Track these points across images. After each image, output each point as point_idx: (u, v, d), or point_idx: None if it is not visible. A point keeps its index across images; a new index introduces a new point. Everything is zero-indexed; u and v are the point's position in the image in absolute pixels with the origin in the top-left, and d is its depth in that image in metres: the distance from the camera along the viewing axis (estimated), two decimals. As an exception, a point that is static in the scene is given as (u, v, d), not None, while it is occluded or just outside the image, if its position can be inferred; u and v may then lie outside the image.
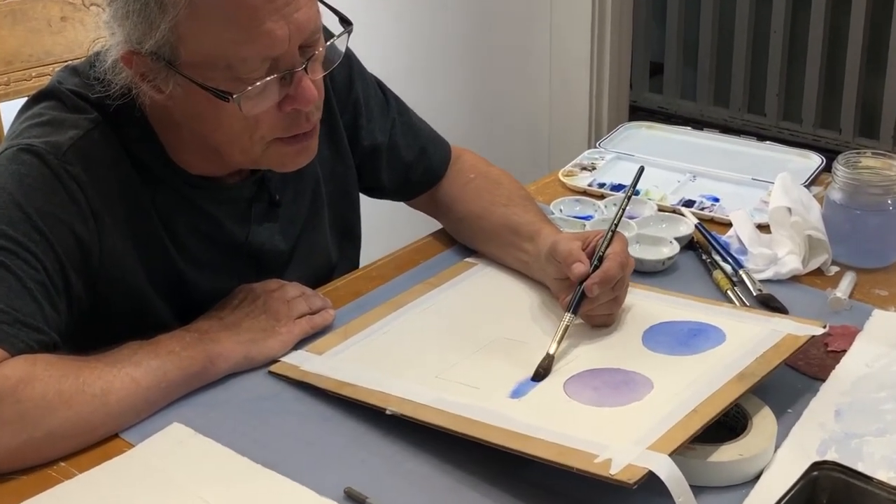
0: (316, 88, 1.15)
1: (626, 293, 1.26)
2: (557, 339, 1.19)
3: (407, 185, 1.50)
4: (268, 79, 1.11)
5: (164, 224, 1.23)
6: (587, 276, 1.22)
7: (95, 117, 1.18)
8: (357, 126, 1.43)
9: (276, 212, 1.33)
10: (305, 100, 1.14)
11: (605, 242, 1.25)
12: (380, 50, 2.72)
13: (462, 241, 1.50)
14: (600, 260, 1.24)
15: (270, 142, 1.17)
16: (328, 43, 1.18)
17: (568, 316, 1.21)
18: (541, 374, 1.16)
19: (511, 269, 1.41)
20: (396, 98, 1.49)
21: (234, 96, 1.10)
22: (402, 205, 1.58)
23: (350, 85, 1.41)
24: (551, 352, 1.18)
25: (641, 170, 1.36)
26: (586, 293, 1.22)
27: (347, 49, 1.42)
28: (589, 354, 1.19)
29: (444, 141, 1.54)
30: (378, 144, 1.45)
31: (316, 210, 1.39)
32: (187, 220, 1.24)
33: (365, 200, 1.50)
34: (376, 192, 1.52)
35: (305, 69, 1.14)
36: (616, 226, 1.27)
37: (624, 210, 1.31)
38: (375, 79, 1.47)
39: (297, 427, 1.12)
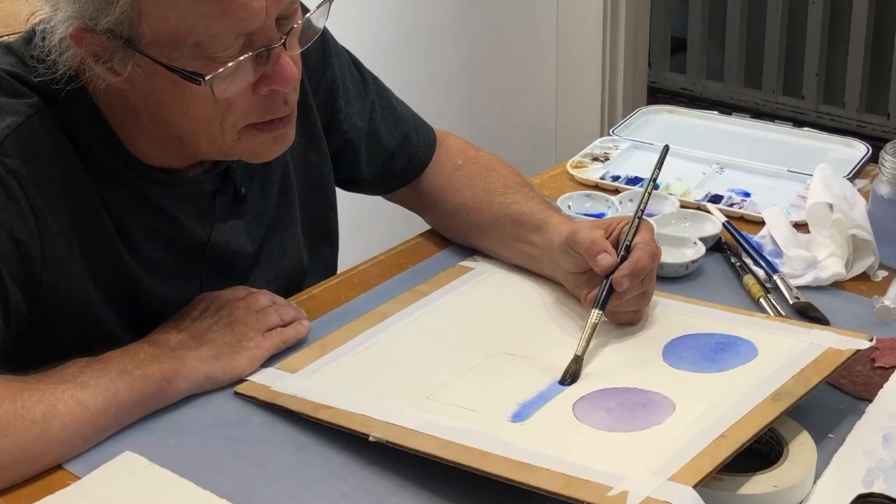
0: (295, 66, 1.15)
1: (654, 287, 1.28)
2: (585, 338, 1.21)
3: (388, 177, 1.51)
4: (242, 57, 1.11)
5: (115, 224, 1.22)
6: (615, 269, 1.24)
7: (35, 102, 1.18)
8: (334, 109, 1.43)
9: (241, 207, 1.33)
10: (284, 79, 1.14)
11: (632, 230, 1.26)
12: (360, 23, 2.72)
13: (451, 236, 1.51)
14: (627, 250, 1.26)
15: (243, 129, 1.17)
16: (307, 16, 1.18)
17: (595, 312, 1.23)
18: (568, 379, 1.17)
19: (513, 274, 1.41)
20: (374, 77, 1.50)
21: (206, 78, 1.10)
22: (385, 200, 1.58)
23: (325, 62, 1.41)
24: (579, 353, 1.19)
25: (666, 149, 1.37)
26: (615, 287, 1.23)
27: None
28: (601, 372, 1.20)
29: (427, 125, 1.55)
30: (357, 130, 1.45)
31: (286, 205, 1.39)
32: (142, 218, 1.24)
33: (342, 195, 1.50)
34: (353, 185, 1.52)
35: (284, 44, 1.14)
36: (642, 212, 1.29)
37: (650, 194, 1.32)
38: (350, 56, 1.48)
39: (267, 456, 1.12)
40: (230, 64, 1.11)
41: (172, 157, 1.24)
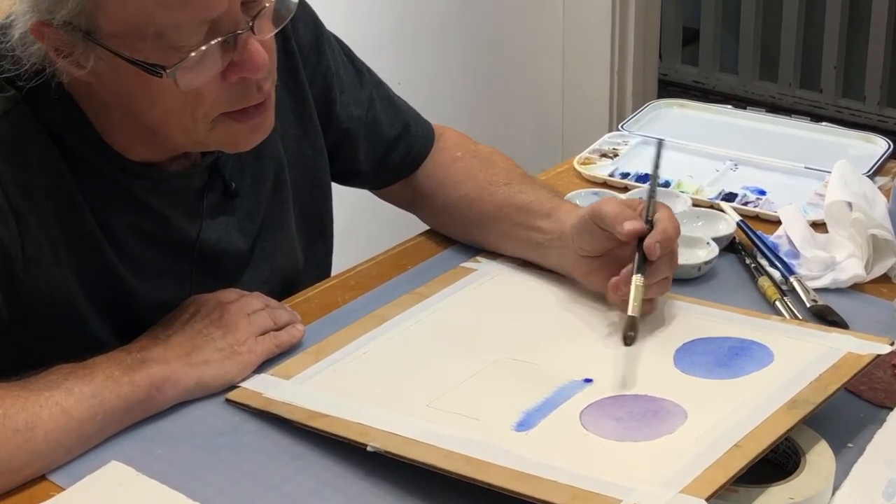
0: (266, 50, 1.15)
1: (672, 275, 1.30)
2: (635, 299, 1.22)
3: (385, 169, 1.51)
4: (207, 45, 1.11)
5: (98, 221, 1.22)
6: (642, 236, 1.26)
7: (13, 96, 1.17)
8: (330, 99, 1.43)
9: (232, 203, 1.33)
10: (254, 66, 1.14)
11: (650, 205, 1.29)
12: (361, 15, 2.72)
13: (449, 232, 1.51)
14: (650, 224, 1.28)
15: (217, 118, 1.17)
16: None
17: (637, 277, 1.24)
18: (631, 337, 1.20)
19: (518, 275, 1.41)
20: (368, 69, 1.51)
21: (168, 70, 1.10)
22: (379, 198, 1.57)
23: (319, 49, 1.41)
24: (633, 313, 1.21)
25: (661, 145, 1.38)
26: (647, 255, 1.25)
27: (309, 8, 1.42)
28: (610, 378, 1.19)
29: (424, 119, 1.56)
30: (355, 120, 1.46)
31: (280, 200, 1.39)
32: (126, 215, 1.24)
33: (339, 192, 1.50)
34: (348, 178, 1.53)
35: (252, 29, 1.13)
36: (654, 192, 1.31)
37: (657, 181, 1.34)
38: (342, 45, 1.48)
39: (259, 467, 1.12)
40: (193, 54, 1.10)
41: (151, 150, 1.24)
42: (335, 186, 1.50)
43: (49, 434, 1.09)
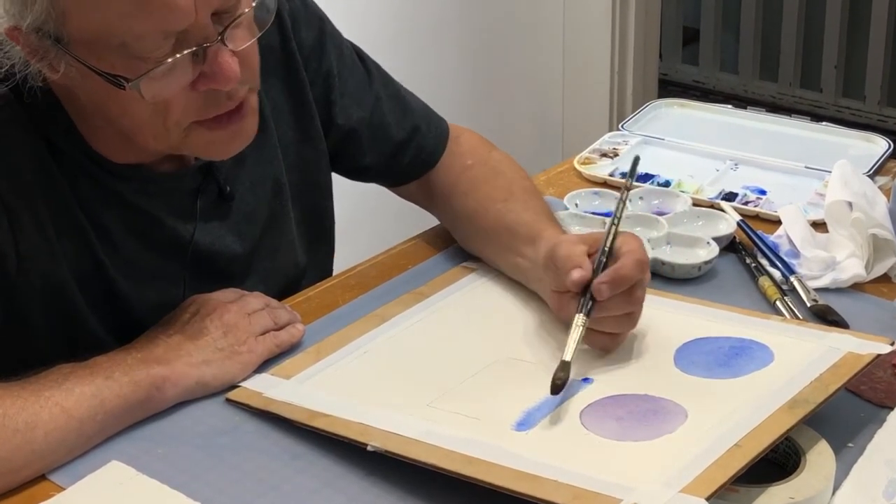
0: (243, 59, 1.14)
1: (641, 310, 1.24)
2: (573, 342, 1.17)
3: (395, 169, 1.51)
4: (174, 57, 1.10)
5: (90, 221, 1.22)
6: (588, 284, 1.20)
7: (5, 94, 1.17)
8: (329, 102, 1.43)
9: (227, 207, 1.33)
10: (224, 79, 1.12)
11: (610, 237, 1.24)
12: (361, 15, 2.72)
13: (458, 240, 1.50)
14: (606, 257, 1.22)
15: (190, 126, 1.16)
16: (255, 2, 1.16)
17: (580, 318, 1.19)
18: (559, 384, 1.14)
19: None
20: (378, 68, 1.49)
21: (131, 82, 1.09)
22: (384, 198, 1.57)
23: (321, 51, 1.41)
24: (567, 358, 1.16)
25: (637, 161, 1.35)
26: (594, 295, 1.20)
27: (317, 9, 1.42)
28: (610, 378, 1.20)
29: (439, 118, 1.54)
30: (357, 122, 1.45)
31: (280, 204, 1.39)
32: (118, 215, 1.24)
33: (339, 191, 1.50)
34: (359, 175, 1.52)
35: (223, 40, 1.12)
36: (619, 219, 1.26)
37: (625, 203, 1.29)
38: (353, 46, 1.47)
39: (260, 467, 1.12)
40: (161, 67, 1.09)
41: (135, 153, 1.23)
42: (336, 186, 1.50)
43: (49, 434, 1.09)
